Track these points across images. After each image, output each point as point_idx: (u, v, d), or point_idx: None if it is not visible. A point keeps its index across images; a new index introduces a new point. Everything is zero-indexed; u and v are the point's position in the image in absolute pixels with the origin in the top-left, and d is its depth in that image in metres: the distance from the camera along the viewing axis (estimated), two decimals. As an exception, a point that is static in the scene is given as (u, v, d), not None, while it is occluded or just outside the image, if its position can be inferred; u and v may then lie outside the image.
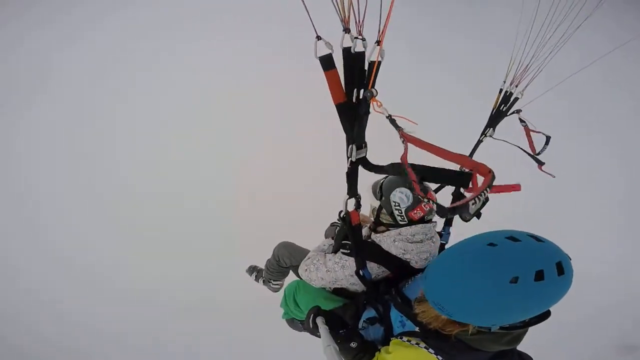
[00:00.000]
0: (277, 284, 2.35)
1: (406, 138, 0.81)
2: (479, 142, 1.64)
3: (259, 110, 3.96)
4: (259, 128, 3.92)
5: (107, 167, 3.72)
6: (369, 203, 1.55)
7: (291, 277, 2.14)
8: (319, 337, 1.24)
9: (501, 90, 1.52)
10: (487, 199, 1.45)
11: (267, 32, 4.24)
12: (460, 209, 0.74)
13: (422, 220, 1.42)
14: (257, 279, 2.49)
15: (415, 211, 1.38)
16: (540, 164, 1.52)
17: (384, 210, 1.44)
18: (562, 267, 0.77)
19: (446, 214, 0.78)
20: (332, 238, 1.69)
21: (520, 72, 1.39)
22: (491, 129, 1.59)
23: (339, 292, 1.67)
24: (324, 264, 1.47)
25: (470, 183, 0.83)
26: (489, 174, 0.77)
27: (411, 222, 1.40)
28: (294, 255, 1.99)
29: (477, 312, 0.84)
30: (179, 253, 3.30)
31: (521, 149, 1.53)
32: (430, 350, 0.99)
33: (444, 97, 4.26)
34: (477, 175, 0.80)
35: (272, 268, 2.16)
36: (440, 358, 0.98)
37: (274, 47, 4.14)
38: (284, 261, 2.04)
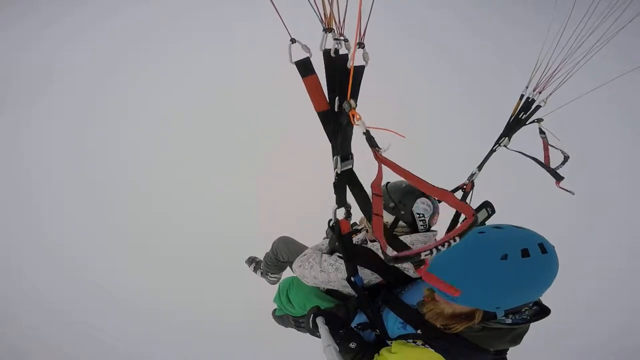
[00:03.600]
0: (274, 277, 2.36)
1: (380, 160, 0.72)
2: (492, 151, 1.52)
3: (267, 112, 3.90)
4: (268, 134, 3.83)
5: (112, 168, 3.65)
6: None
7: (289, 271, 2.14)
8: (319, 337, 1.24)
9: (522, 96, 1.38)
10: (493, 211, 1.35)
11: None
12: (410, 259, 0.65)
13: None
14: (255, 270, 2.51)
15: (436, 217, 1.40)
16: (559, 179, 1.39)
17: (401, 222, 1.41)
18: (544, 247, 0.86)
19: (389, 261, 0.67)
20: None
21: (546, 77, 1.24)
22: (507, 138, 1.46)
23: (332, 292, 1.64)
24: (318, 264, 1.45)
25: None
26: (472, 217, 0.67)
27: (429, 229, 1.41)
28: (291, 251, 1.99)
29: (477, 290, 0.88)
30: (185, 267, 3.14)
31: (538, 162, 1.39)
32: (436, 350, 1.00)
33: (452, 103, 4.06)
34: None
35: (270, 262, 2.17)
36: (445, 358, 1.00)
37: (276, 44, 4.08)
38: (282, 256, 2.05)
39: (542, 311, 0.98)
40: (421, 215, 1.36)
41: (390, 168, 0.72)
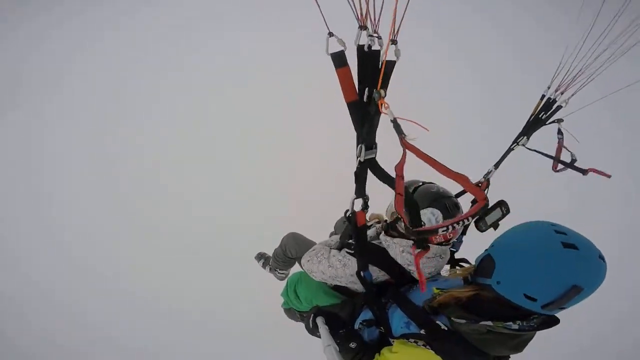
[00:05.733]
0: (283, 273, 2.39)
1: (406, 146, 0.77)
2: (510, 150, 1.51)
3: (278, 109, 3.92)
4: (281, 128, 3.84)
5: (126, 165, 3.65)
6: (389, 203, 1.50)
7: (297, 267, 2.14)
8: (319, 337, 1.25)
9: (543, 96, 1.37)
10: (507, 211, 1.35)
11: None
12: (428, 234, 0.89)
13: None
14: (264, 266, 2.54)
15: (437, 236, 1.29)
16: (585, 172, 1.38)
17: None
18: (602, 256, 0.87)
19: (411, 234, 0.87)
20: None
21: (569, 78, 1.23)
22: (525, 137, 1.45)
23: (339, 289, 1.65)
24: (327, 259, 1.46)
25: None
26: (483, 201, 0.82)
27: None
28: (300, 246, 2.01)
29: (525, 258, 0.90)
30: (200, 264, 3.13)
31: (559, 161, 1.38)
32: (437, 352, 1.01)
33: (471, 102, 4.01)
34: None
35: (279, 257, 2.20)
36: None
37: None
38: (290, 252, 2.07)
39: (550, 320, 0.96)
40: (423, 223, 1.30)
41: (414, 153, 0.79)
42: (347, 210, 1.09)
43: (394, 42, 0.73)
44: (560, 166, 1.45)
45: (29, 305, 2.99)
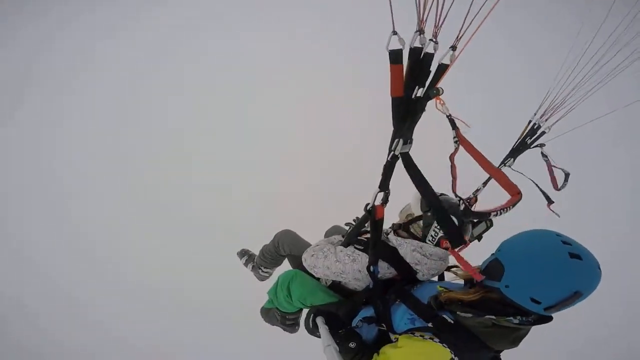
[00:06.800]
0: (266, 272, 2.29)
1: (460, 140, 0.91)
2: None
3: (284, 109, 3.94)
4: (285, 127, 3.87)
5: (130, 165, 3.68)
6: (408, 203, 1.55)
7: (281, 269, 2.12)
8: (318, 337, 1.29)
9: (530, 122, 1.46)
10: (491, 224, 1.44)
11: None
12: (482, 216, 1.09)
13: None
14: (246, 264, 2.41)
15: (447, 243, 1.37)
16: (550, 202, 1.49)
17: (420, 223, 1.43)
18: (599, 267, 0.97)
19: (469, 216, 1.04)
20: (342, 235, 1.66)
21: (554, 106, 1.32)
22: (512, 159, 1.53)
23: (334, 288, 1.66)
24: (334, 254, 1.46)
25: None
26: (518, 195, 0.97)
27: (436, 246, 1.41)
28: (295, 244, 1.95)
29: (535, 264, 0.98)
30: (200, 264, 3.16)
31: (534, 183, 1.48)
32: (444, 344, 1.06)
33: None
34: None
35: (268, 254, 2.10)
36: (452, 352, 1.05)
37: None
38: (284, 249, 1.99)
39: (545, 317, 1.04)
40: (438, 227, 1.36)
41: (465, 146, 0.95)
42: (367, 204, 1.14)
43: (453, 48, 0.80)
44: (560, 183, 1.53)
45: (32, 305, 3.05)
